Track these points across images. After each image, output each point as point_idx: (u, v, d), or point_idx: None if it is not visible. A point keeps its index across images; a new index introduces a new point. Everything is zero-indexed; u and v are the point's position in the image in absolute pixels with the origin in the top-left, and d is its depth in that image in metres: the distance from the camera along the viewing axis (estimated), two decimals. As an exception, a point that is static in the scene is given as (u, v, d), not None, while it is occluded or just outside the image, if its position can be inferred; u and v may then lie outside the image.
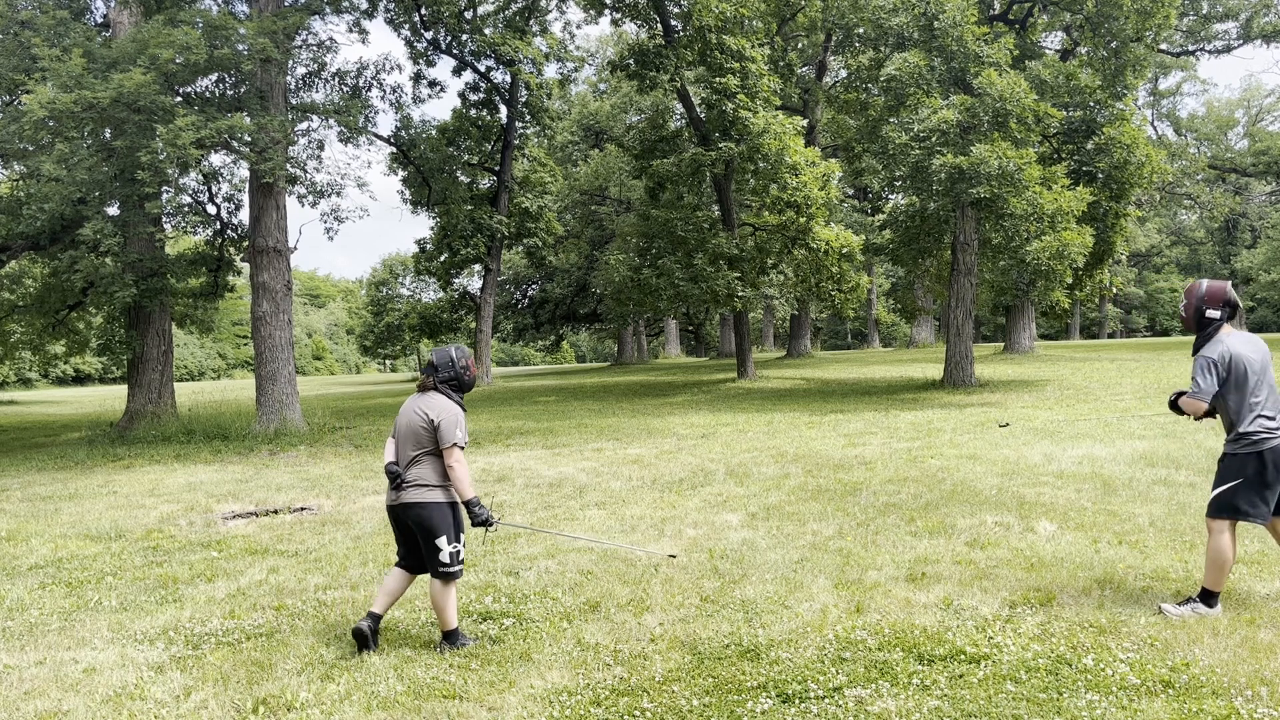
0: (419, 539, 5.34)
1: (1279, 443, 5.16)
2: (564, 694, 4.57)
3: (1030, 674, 4.54)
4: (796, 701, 4.36)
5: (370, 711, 4.50)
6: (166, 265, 19.35)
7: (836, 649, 4.97)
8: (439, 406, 5.33)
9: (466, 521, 5.38)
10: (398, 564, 5.51)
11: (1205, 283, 5.44)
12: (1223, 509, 5.26)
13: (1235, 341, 5.29)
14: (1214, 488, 5.32)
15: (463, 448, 5.30)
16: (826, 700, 4.36)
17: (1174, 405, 5.50)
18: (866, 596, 5.88)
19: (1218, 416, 5.44)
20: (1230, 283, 5.70)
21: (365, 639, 5.25)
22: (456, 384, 5.49)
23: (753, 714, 4.27)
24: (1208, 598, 5.27)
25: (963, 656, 4.79)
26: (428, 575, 5.45)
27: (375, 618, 5.35)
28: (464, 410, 5.44)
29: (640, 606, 5.89)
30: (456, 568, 5.30)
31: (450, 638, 5.34)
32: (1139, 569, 6.20)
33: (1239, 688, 4.28)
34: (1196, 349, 5.39)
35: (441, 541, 5.25)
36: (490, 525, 5.31)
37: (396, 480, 5.31)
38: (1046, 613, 5.42)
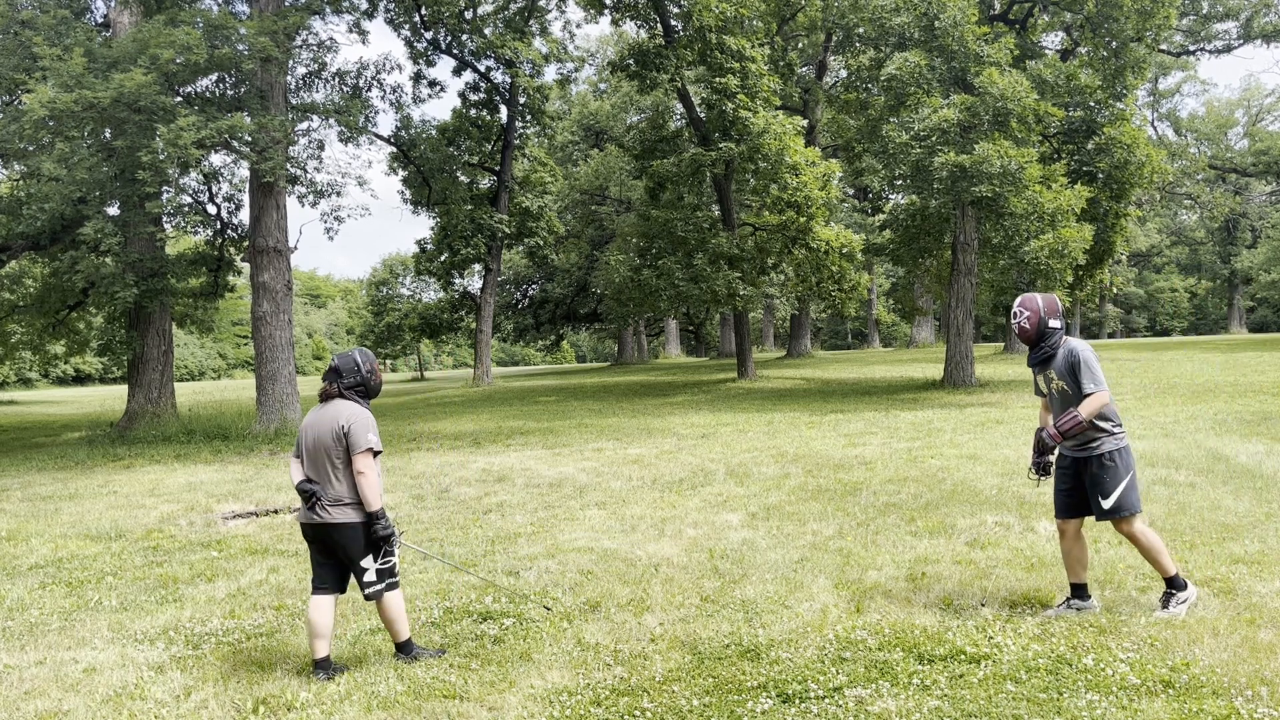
0: (345, 561, 5.04)
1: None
2: (564, 694, 4.57)
3: (1030, 674, 4.53)
4: (796, 701, 4.36)
5: (370, 711, 4.50)
6: (167, 265, 19.36)
7: (836, 649, 4.97)
8: (348, 412, 4.98)
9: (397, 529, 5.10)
10: (316, 590, 5.07)
11: (1040, 296, 5.41)
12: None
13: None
14: (1113, 489, 5.28)
15: (377, 453, 4.97)
16: (826, 700, 4.36)
17: (1071, 428, 5.23)
18: (866, 596, 5.88)
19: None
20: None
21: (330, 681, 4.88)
22: (363, 390, 5.14)
23: (753, 714, 4.27)
24: (1173, 583, 5.35)
25: (963, 656, 4.78)
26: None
27: (325, 664, 4.98)
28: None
29: (640, 606, 5.89)
30: (381, 585, 4.99)
31: (404, 649, 5.10)
32: (1139, 569, 6.20)
33: (1239, 688, 4.28)
34: (1044, 361, 5.40)
35: (367, 561, 4.96)
36: (390, 542, 4.98)
37: (312, 498, 4.95)
38: (1046, 613, 5.42)
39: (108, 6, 21.03)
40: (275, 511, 9.98)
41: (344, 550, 4.99)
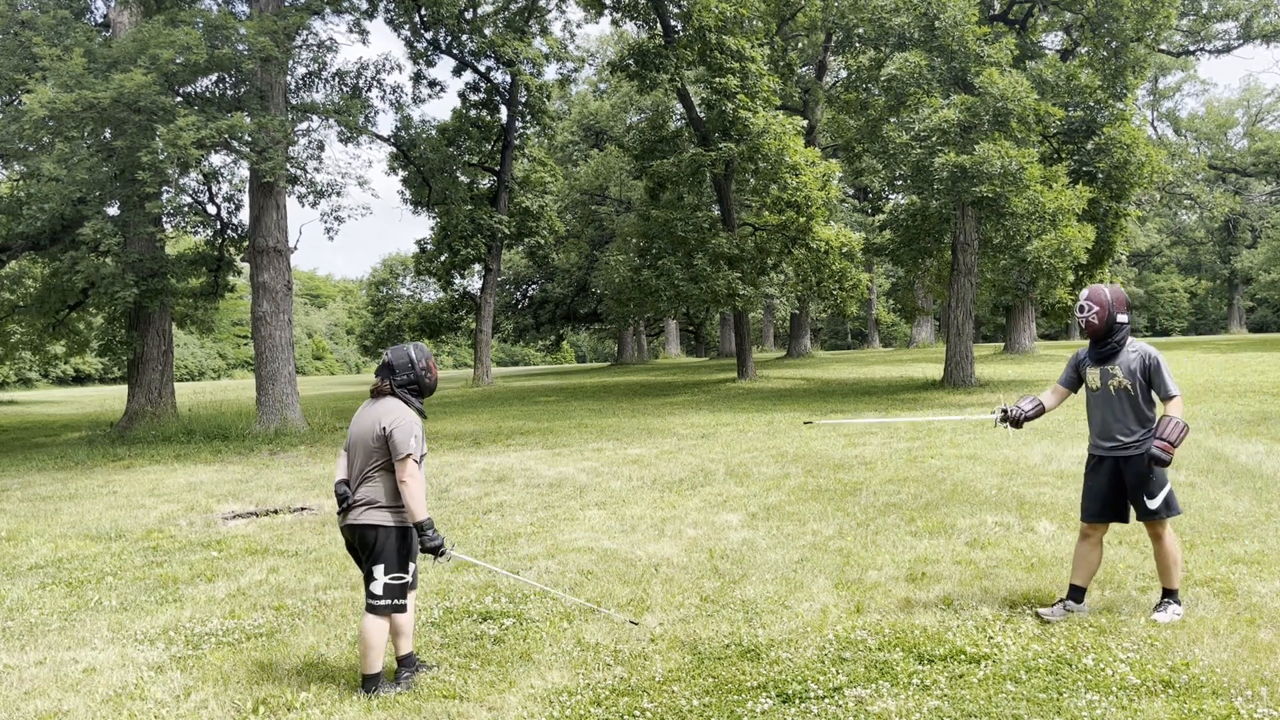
0: (361, 562, 4.82)
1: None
2: (564, 694, 4.57)
3: (1030, 674, 4.53)
4: (796, 701, 4.36)
5: (370, 711, 4.50)
6: (167, 265, 19.35)
7: (836, 649, 4.97)
8: (393, 413, 4.71)
9: (418, 550, 4.83)
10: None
11: (1108, 289, 5.28)
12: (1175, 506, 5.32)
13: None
14: (1159, 490, 5.21)
15: (419, 461, 4.69)
16: (826, 700, 4.36)
17: (1181, 435, 5.16)
18: (866, 596, 5.88)
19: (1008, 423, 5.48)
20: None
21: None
22: (416, 388, 4.86)
23: (753, 714, 4.27)
24: (1170, 594, 5.33)
25: (963, 656, 4.79)
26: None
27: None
28: (423, 417, 4.87)
29: (640, 606, 5.89)
30: (386, 601, 4.67)
31: (369, 684, 4.67)
32: (1139, 569, 6.20)
33: (1239, 688, 4.28)
34: (1106, 358, 5.27)
35: (378, 570, 4.66)
36: (440, 554, 4.68)
37: (344, 502, 4.75)
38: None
39: (108, 6, 21.03)
40: (275, 511, 9.98)
41: (364, 552, 4.74)
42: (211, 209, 21.19)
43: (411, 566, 4.79)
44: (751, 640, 5.15)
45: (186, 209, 19.92)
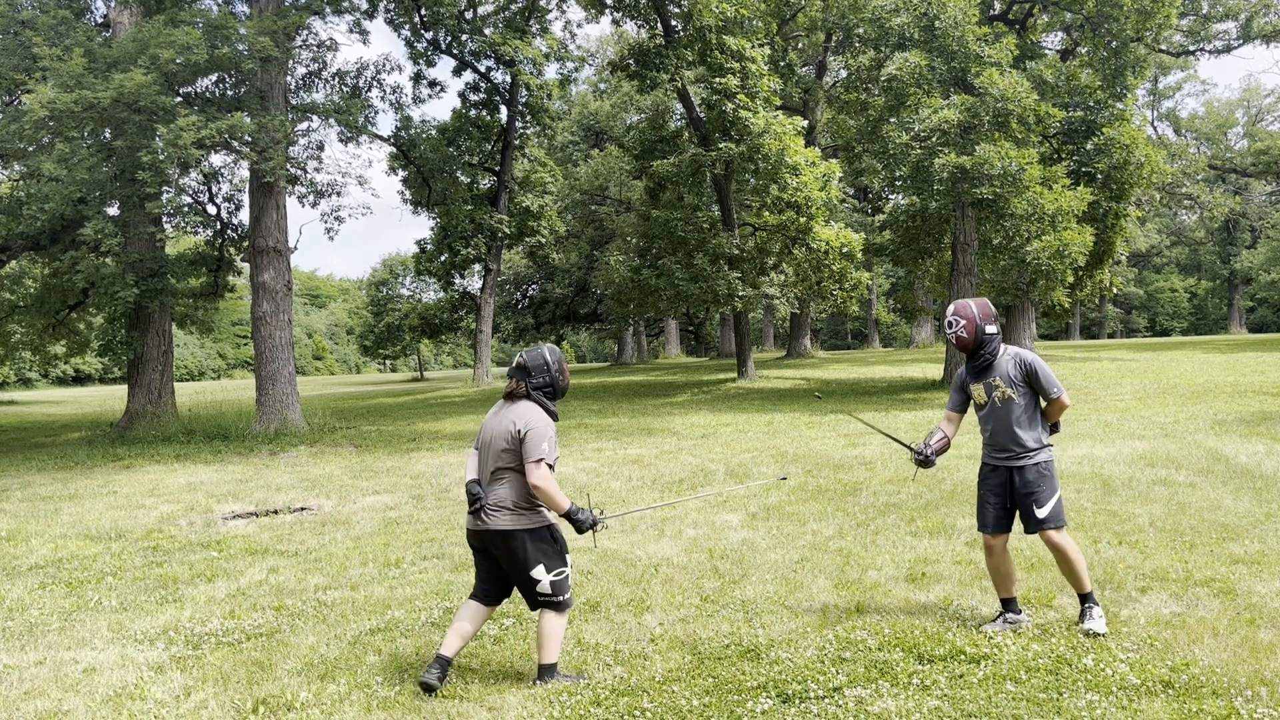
0: (509, 571, 4.76)
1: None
2: (564, 694, 4.57)
3: (1030, 674, 4.53)
4: (796, 701, 4.36)
5: (370, 711, 4.50)
6: (167, 265, 19.36)
7: (836, 649, 4.97)
8: (527, 416, 4.65)
9: (570, 534, 4.80)
10: (473, 596, 4.89)
11: (973, 302, 5.22)
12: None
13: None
14: (1048, 499, 5.10)
15: (552, 465, 4.61)
16: (826, 700, 4.36)
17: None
18: (866, 596, 5.88)
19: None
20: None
21: (433, 690, 4.62)
22: (551, 390, 4.81)
23: (753, 714, 4.27)
24: (1088, 599, 5.18)
25: (963, 656, 4.79)
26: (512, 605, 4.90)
27: (445, 663, 4.70)
28: (555, 420, 4.80)
29: (640, 606, 5.89)
30: (562, 596, 4.69)
31: (546, 672, 4.71)
32: (1139, 569, 6.20)
33: (1239, 688, 4.28)
34: (983, 370, 5.22)
35: (538, 572, 4.64)
36: (596, 527, 4.72)
37: (477, 503, 4.69)
38: (1046, 613, 5.42)
39: (108, 6, 21.03)
40: (275, 512, 9.98)
41: (508, 561, 4.69)
42: (211, 209, 21.22)
43: (568, 559, 4.78)
44: (751, 640, 5.15)
45: (186, 209, 19.93)
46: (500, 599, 4.93)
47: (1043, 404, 5.22)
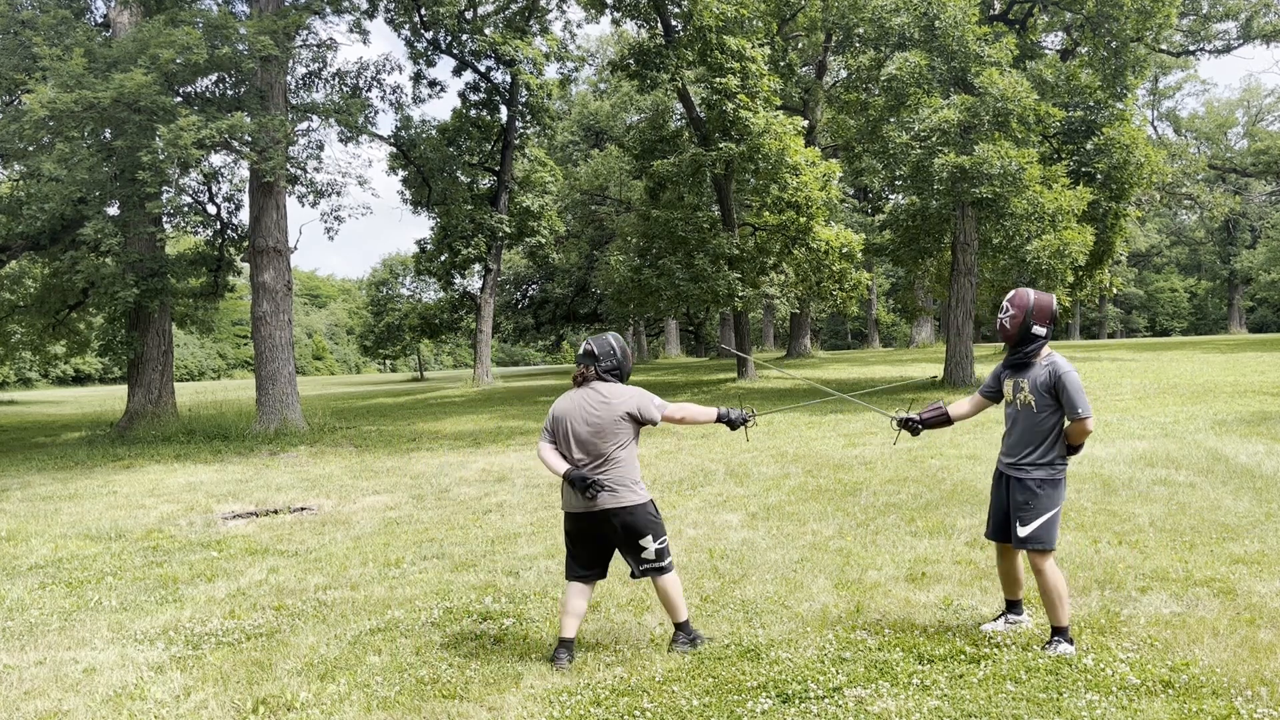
0: (620, 543, 5.03)
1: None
2: (564, 694, 4.57)
3: (1030, 674, 4.53)
4: (796, 701, 4.36)
5: (370, 711, 4.50)
6: (167, 265, 19.37)
7: (836, 649, 4.97)
8: (623, 392, 5.00)
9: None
10: (578, 578, 5.10)
11: (1033, 294, 4.97)
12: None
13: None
14: (1034, 519, 4.90)
15: (656, 422, 5.10)
16: (826, 700, 4.36)
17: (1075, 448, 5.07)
18: (866, 596, 5.88)
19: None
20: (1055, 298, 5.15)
21: (564, 670, 4.86)
22: (619, 373, 5.09)
23: (753, 714, 4.27)
24: (1063, 632, 4.90)
25: (963, 656, 4.79)
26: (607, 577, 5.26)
27: (570, 644, 4.99)
28: None
29: (640, 606, 5.89)
30: (666, 561, 5.04)
31: (684, 629, 5.08)
32: (1139, 569, 6.20)
33: (1239, 688, 4.28)
34: (1018, 369, 5.02)
35: (647, 540, 4.98)
36: (747, 422, 5.28)
37: (591, 485, 4.89)
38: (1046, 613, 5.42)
39: (108, 6, 21.03)
40: (275, 511, 9.98)
41: (629, 531, 4.97)
42: (211, 209, 21.23)
43: (665, 528, 5.14)
44: (751, 640, 5.15)
45: (186, 209, 19.94)
46: (601, 577, 5.21)
47: (1066, 422, 4.97)
